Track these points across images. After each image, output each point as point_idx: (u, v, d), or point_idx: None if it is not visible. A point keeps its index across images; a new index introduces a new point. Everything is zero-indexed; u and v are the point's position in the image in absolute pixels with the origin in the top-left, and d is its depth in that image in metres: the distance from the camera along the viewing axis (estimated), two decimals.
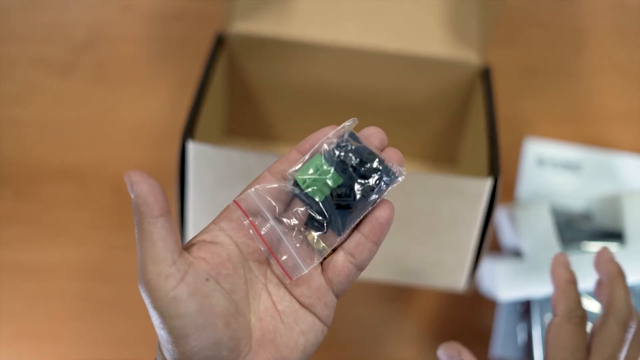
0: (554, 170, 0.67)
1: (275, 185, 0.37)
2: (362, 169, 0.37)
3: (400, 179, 0.37)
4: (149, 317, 0.35)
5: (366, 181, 0.37)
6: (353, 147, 0.37)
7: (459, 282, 0.56)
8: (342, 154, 0.37)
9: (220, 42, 0.59)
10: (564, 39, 0.70)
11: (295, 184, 0.37)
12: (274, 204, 0.37)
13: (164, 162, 0.67)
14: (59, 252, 0.67)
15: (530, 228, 0.61)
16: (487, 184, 0.52)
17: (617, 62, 0.70)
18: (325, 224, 0.37)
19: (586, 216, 0.67)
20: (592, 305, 0.63)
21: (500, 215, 0.66)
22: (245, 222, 0.37)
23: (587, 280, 0.61)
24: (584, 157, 0.67)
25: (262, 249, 0.37)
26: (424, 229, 0.54)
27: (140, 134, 0.67)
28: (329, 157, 0.37)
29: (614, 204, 0.63)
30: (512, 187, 0.68)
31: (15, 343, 0.65)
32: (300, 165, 0.37)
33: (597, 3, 0.71)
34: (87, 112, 0.67)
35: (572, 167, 0.68)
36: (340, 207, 0.37)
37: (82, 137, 0.67)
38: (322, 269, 0.38)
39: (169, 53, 0.68)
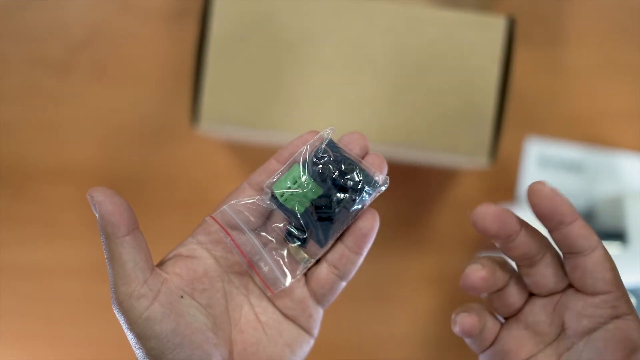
0: (555, 170, 0.67)
1: (252, 200, 0.36)
2: (342, 180, 0.35)
3: (383, 187, 0.36)
4: None
5: (347, 193, 0.35)
6: (332, 158, 0.35)
7: (480, 153, 0.53)
8: (321, 165, 0.35)
9: None
10: (565, 38, 0.70)
11: (273, 196, 0.36)
12: (251, 218, 0.36)
13: (163, 162, 0.67)
14: (57, 252, 0.67)
15: None
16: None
17: (618, 61, 0.70)
18: (304, 237, 0.36)
19: (588, 216, 0.66)
20: None
21: None
22: (222, 235, 0.36)
23: None
24: (585, 157, 0.67)
25: (242, 262, 0.36)
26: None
27: (140, 133, 0.67)
28: (308, 167, 0.35)
29: (616, 204, 0.63)
30: (513, 187, 0.68)
31: (13, 344, 0.65)
32: (277, 177, 0.36)
33: (597, 3, 0.71)
34: (85, 112, 0.67)
35: (574, 167, 0.67)
36: (322, 219, 0.35)
37: (81, 137, 0.67)
38: (306, 281, 0.37)
39: (169, 53, 0.67)
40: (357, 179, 0.35)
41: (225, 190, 0.67)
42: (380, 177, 0.35)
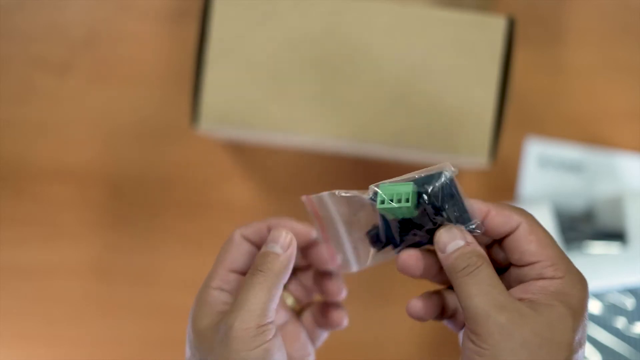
0: (555, 170, 0.67)
1: (352, 193, 0.37)
2: (440, 217, 0.36)
3: (478, 231, 0.36)
4: (148, 317, 0.35)
5: (436, 227, 0.36)
6: (444, 195, 0.35)
7: (480, 153, 0.53)
8: (431, 196, 0.35)
9: None
10: (565, 38, 0.70)
11: (374, 194, 0.36)
12: (345, 208, 0.38)
13: (163, 162, 0.67)
14: (57, 252, 0.67)
15: None
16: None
17: (618, 61, 0.70)
18: (382, 244, 0.38)
19: (588, 216, 0.66)
20: (592, 306, 0.63)
21: None
22: (312, 215, 0.38)
23: (589, 281, 0.61)
24: (585, 157, 0.67)
25: (321, 239, 0.40)
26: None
27: (140, 134, 0.67)
28: (417, 190, 0.35)
29: (616, 204, 0.63)
30: (513, 187, 0.68)
31: (12, 344, 0.65)
32: (390, 181, 0.36)
33: (597, 3, 0.71)
34: (86, 112, 0.67)
35: (573, 167, 0.67)
36: (411, 243, 0.37)
37: (81, 137, 0.67)
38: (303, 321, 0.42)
39: (169, 53, 0.67)
40: (454, 220, 0.36)
41: (225, 190, 0.68)
42: (479, 224, 0.36)
